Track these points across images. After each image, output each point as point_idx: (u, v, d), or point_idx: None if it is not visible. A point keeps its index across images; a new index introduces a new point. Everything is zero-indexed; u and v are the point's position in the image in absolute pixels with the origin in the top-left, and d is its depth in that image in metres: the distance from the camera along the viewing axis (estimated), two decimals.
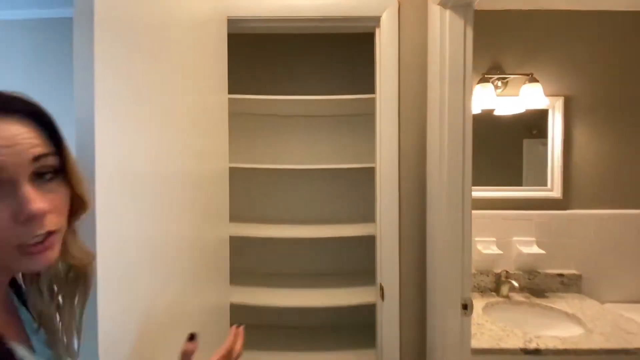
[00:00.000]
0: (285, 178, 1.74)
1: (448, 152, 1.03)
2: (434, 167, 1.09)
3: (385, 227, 1.19)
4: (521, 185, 1.64)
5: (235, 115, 1.70)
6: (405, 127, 1.17)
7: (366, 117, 1.71)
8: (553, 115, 1.59)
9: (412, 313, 1.18)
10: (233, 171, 1.69)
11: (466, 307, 1.04)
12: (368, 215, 1.73)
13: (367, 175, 1.72)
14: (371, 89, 1.26)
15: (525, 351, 1.15)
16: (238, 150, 1.72)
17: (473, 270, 1.56)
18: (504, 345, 1.17)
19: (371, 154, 1.69)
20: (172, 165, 0.86)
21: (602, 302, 1.54)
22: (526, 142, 1.67)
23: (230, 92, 1.22)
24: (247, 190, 1.75)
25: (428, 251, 1.13)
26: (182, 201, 0.92)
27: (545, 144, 1.64)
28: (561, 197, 1.59)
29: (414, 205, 1.18)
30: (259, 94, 1.39)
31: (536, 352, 1.15)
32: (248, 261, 1.76)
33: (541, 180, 1.63)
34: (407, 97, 1.17)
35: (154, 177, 0.76)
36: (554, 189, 1.60)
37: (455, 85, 1.04)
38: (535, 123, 1.64)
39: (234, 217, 1.73)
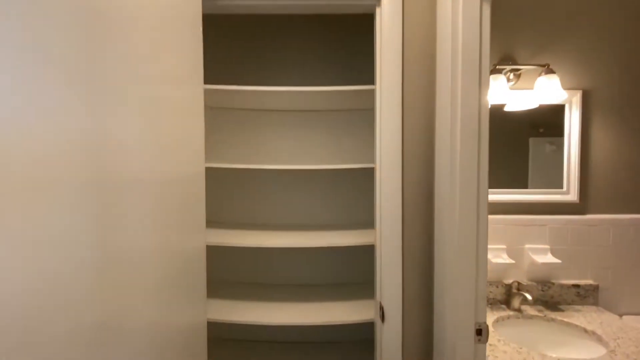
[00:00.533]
0: (273, 180, 1.58)
1: (461, 151, 0.88)
2: (443, 168, 0.94)
3: (387, 236, 1.04)
4: (526, 187, 1.50)
5: (217, 109, 1.54)
6: (409, 122, 1.02)
7: (365, 113, 1.56)
8: (570, 111, 1.45)
9: (416, 338, 1.03)
10: (215, 172, 1.55)
11: (481, 332, 0.89)
12: (368, 221, 1.58)
13: (366, 177, 1.58)
14: (371, 79, 1.10)
15: None
16: (220, 149, 1.56)
17: None
18: None
19: (371, 153, 1.56)
20: (128, 168, 0.70)
21: (620, 315, 1.41)
22: (532, 141, 1.53)
23: (207, 82, 1.06)
24: (231, 194, 1.59)
25: (436, 266, 0.98)
26: (142, 211, 0.76)
27: (553, 143, 1.51)
28: (578, 201, 1.45)
29: (419, 211, 1.03)
30: (242, 84, 1.22)
31: None
32: (231, 271, 1.60)
33: (548, 182, 1.49)
34: (412, 87, 1.01)
35: (98, 184, 0.60)
36: (570, 191, 1.46)
37: (469, 74, 0.88)
38: (542, 120, 1.50)
39: (216, 223, 1.57)
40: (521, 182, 1.51)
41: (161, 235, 0.83)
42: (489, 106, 0.90)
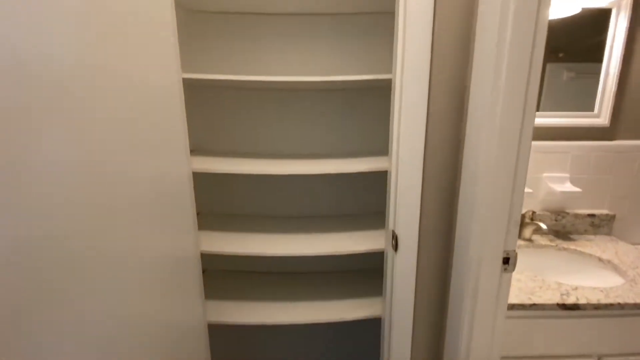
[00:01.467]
0: (270, 99, 1.38)
1: (509, 56, 0.70)
2: (484, 77, 0.76)
3: (405, 160, 0.90)
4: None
5: (199, 14, 1.29)
6: (442, 14, 0.81)
7: (378, 18, 1.31)
8: (616, 17, 1.23)
9: (432, 268, 0.96)
10: (201, 91, 1.33)
11: (508, 261, 0.81)
12: (378, 149, 1.43)
13: (377, 97, 1.39)
14: None
15: (563, 306, 0.97)
16: (203, 61, 1.33)
17: None
18: (537, 299, 0.99)
19: (385, 67, 1.34)
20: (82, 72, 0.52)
21: (634, 244, 1.37)
22: (550, 67, 1.35)
23: None
24: (222, 118, 1.40)
25: (462, 188, 0.86)
26: (100, 126, 0.60)
27: (572, 70, 1.34)
28: (608, 125, 1.31)
29: (446, 126, 0.88)
30: None
31: (575, 307, 0.97)
32: (228, 204, 1.49)
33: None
34: None
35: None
36: (601, 114, 1.31)
37: None
38: (565, 42, 1.31)
39: (205, 151, 1.41)
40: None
41: (130, 155, 0.68)
42: None
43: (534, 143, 1.30)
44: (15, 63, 0.43)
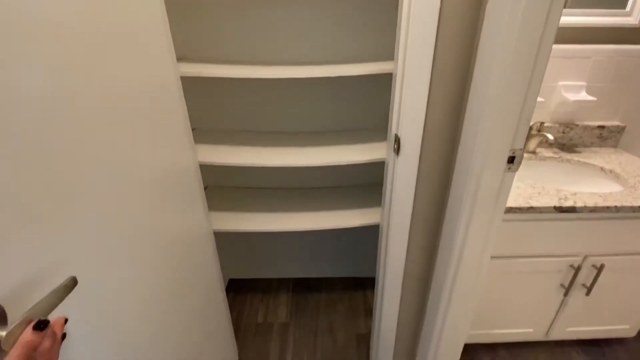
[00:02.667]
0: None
1: None
2: None
3: (412, 60, 0.82)
4: None
5: None
6: None
7: None
8: None
9: (433, 171, 0.95)
10: None
11: (513, 160, 0.79)
12: (383, 54, 1.32)
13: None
14: None
15: (560, 209, 0.99)
16: None
17: None
18: (535, 203, 1.00)
19: None
20: None
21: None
22: None
23: None
24: (211, 19, 1.27)
25: (474, 88, 0.81)
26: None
27: None
28: (639, 24, 1.19)
29: (460, 25, 0.78)
30: None
31: (571, 210, 0.99)
32: (226, 120, 1.43)
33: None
34: None
35: None
36: (633, 12, 1.18)
37: None
38: None
39: (192, 59, 1.30)
40: None
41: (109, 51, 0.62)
42: None
43: (553, 47, 1.21)
44: None
